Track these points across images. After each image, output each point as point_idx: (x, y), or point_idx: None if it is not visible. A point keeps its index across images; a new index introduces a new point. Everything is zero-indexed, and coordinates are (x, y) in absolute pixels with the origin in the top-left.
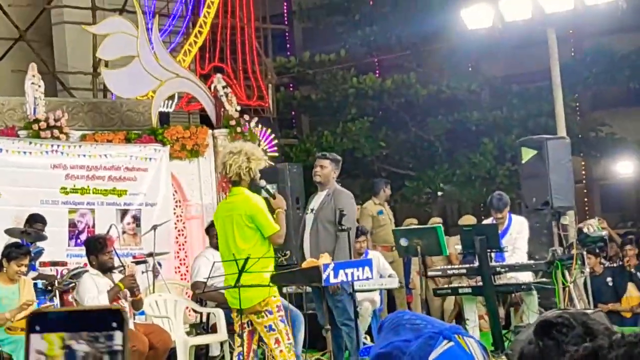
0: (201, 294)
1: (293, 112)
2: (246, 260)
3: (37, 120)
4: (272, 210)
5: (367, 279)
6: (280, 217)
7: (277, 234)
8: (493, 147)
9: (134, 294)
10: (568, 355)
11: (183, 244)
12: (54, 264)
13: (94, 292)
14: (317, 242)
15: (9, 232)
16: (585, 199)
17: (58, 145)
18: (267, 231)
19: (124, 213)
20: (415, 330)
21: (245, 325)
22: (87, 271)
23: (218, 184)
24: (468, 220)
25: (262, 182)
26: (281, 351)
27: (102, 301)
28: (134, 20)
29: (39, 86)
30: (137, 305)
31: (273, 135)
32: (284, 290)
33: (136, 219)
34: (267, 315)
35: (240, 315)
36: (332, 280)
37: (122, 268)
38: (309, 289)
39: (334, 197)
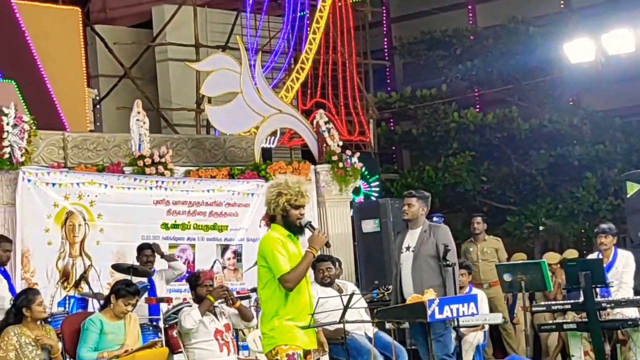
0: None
1: (394, 147)
2: (351, 296)
3: (142, 157)
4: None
5: (473, 314)
6: (304, 258)
7: (284, 277)
8: (596, 181)
9: (232, 304)
10: None
11: None
12: (160, 300)
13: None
14: (421, 279)
15: (115, 267)
16: None
17: (162, 182)
18: (275, 273)
19: (224, 248)
20: None
21: None
22: (189, 305)
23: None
24: (571, 254)
25: (304, 220)
26: None
27: (201, 331)
28: (236, 57)
29: (144, 122)
30: (244, 314)
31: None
32: (387, 325)
33: (237, 254)
34: None
35: None
36: (437, 316)
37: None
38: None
39: (434, 233)
